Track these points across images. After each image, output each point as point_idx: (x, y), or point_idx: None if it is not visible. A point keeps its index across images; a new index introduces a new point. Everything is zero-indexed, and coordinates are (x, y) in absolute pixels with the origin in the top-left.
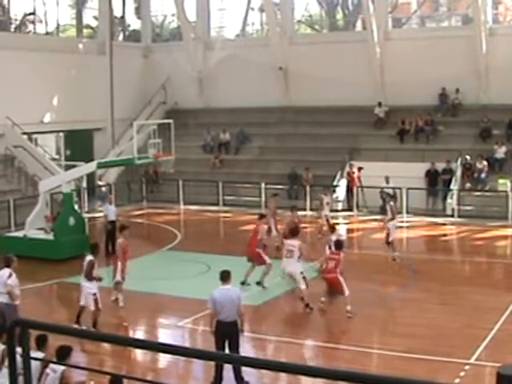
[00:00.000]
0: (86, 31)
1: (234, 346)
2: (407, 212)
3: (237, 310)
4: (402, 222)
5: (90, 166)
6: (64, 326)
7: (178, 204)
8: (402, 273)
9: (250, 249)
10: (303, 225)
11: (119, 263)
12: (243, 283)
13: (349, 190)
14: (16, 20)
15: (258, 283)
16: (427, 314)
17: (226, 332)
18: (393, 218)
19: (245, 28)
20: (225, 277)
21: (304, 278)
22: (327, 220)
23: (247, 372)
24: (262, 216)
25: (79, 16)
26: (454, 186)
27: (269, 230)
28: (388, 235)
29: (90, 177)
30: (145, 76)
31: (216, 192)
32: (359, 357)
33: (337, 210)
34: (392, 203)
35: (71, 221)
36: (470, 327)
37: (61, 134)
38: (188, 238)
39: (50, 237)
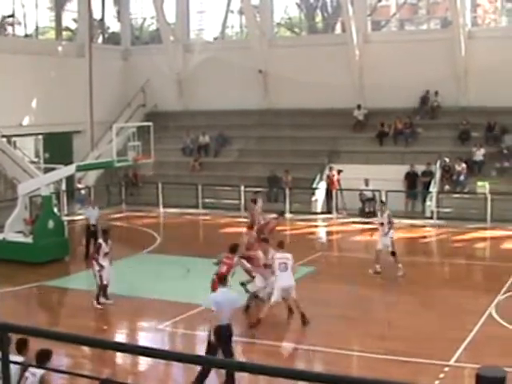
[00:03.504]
0: (65, 34)
1: (228, 351)
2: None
3: (232, 312)
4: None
5: (69, 169)
6: (43, 330)
7: (158, 207)
8: (382, 275)
9: None
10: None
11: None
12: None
13: (328, 192)
14: None
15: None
16: (407, 316)
17: (224, 335)
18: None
19: (224, 30)
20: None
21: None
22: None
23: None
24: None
25: (58, 18)
26: (434, 188)
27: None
28: (393, 245)
29: (69, 179)
30: (124, 79)
31: (195, 195)
32: (340, 359)
33: (316, 213)
34: (389, 212)
35: (50, 224)
36: (449, 329)
37: (40, 137)
38: (167, 241)
39: (29, 240)
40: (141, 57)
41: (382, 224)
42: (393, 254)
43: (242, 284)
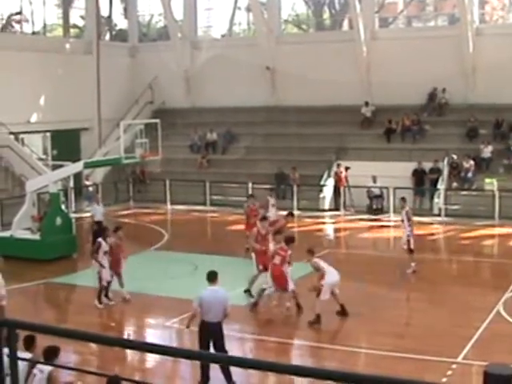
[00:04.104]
0: (72, 31)
1: (220, 346)
2: (394, 211)
3: (223, 311)
4: (389, 221)
5: (77, 166)
6: (51, 326)
7: (165, 204)
8: (390, 272)
9: None
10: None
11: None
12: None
13: (336, 189)
14: (2, 19)
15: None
16: (415, 313)
17: (211, 332)
18: (409, 225)
19: (232, 27)
20: (212, 277)
21: None
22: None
23: (235, 372)
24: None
25: (66, 15)
26: (441, 185)
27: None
28: (409, 242)
29: (77, 177)
30: (132, 76)
31: (203, 192)
32: (347, 356)
33: (323, 210)
34: (408, 209)
35: (58, 221)
36: (457, 326)
37: (47, 134)
38: (175, 238)
39: (37, 237)
40: (148, 54)
41: (402, 221)
42: (410, 251)
43: (247, 291)
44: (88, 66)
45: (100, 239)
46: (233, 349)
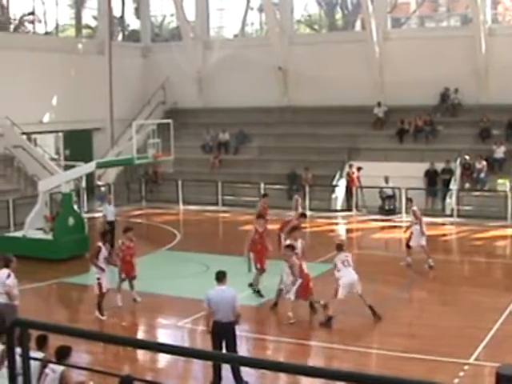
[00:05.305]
0: (85, 31)
1: (232, 347)
2: (406, 212)
3: (232, 310)
4: (401, 221)
5: (90, 166)
6: (63, 326)
7: (178, 204)
8: (402, 273)
9: None
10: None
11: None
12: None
13: (348, 190)
14: (15, 20)
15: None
16: (426, 313)
17: (222, 332)
18: (416, 223)
19: (244, 28)
20: (220, 277)
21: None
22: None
23: (246, 372)
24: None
25: (78, 16)
26: (454, 185)
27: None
28: (410, 238)
29: (89, 177)
30: (144, 76)
31: (215, 192)
32: (358, 357)
33: (335, 210)
34: (415, 208)
35: (70, 221)
36: (469, 327)
37: (60, 134)
38: (187, 238)
39: (49, 237)
40: (161, 54)
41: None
42: (407, 246)
43: (251, 285)
44: (100, 67)
45: (100, 244)
46: (244, 349)
